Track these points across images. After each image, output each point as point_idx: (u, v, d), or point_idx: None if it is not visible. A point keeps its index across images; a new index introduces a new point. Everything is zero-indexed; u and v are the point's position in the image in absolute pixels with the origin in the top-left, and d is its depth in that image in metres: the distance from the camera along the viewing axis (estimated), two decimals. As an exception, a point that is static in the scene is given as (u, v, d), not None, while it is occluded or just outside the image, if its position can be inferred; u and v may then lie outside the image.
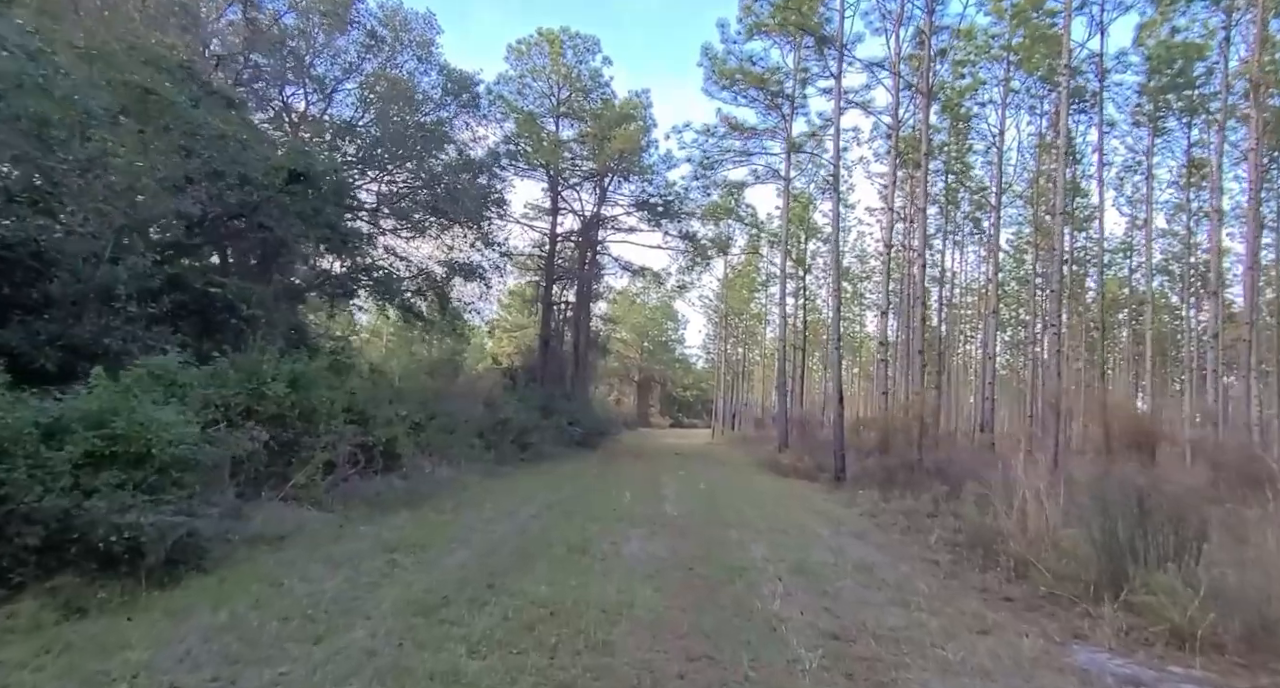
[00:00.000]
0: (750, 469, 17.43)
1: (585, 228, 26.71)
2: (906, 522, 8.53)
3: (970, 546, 6.76)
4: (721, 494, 11.54)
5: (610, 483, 12.59)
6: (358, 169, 16.14)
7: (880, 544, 7.42)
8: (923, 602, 4.99)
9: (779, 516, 9.18)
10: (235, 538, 5.28)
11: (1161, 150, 26.14)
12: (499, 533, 6.90)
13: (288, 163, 10.24)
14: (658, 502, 10.12)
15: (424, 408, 13.54)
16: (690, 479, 13.96)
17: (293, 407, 7.27)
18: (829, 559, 6.44)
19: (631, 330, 60.66)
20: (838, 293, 12.96)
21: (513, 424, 15.54)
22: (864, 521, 9.02)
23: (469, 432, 13.60)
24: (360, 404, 9.28)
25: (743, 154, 21.62)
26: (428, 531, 6.70)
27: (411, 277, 18.21)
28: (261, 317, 10.13)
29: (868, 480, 11.95)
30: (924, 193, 14.55)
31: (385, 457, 9.31)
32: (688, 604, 4.70)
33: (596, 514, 8.53)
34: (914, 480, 10.41)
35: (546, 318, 24.44)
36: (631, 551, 6.39)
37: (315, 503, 6.89)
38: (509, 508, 8.66)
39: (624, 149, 22.53)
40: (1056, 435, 11.03)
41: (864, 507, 10.03)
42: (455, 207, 15.33)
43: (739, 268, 42.67)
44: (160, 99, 7.63)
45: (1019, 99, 24.08)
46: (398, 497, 8.36)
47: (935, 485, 9.95)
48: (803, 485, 13.14)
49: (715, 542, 7.06)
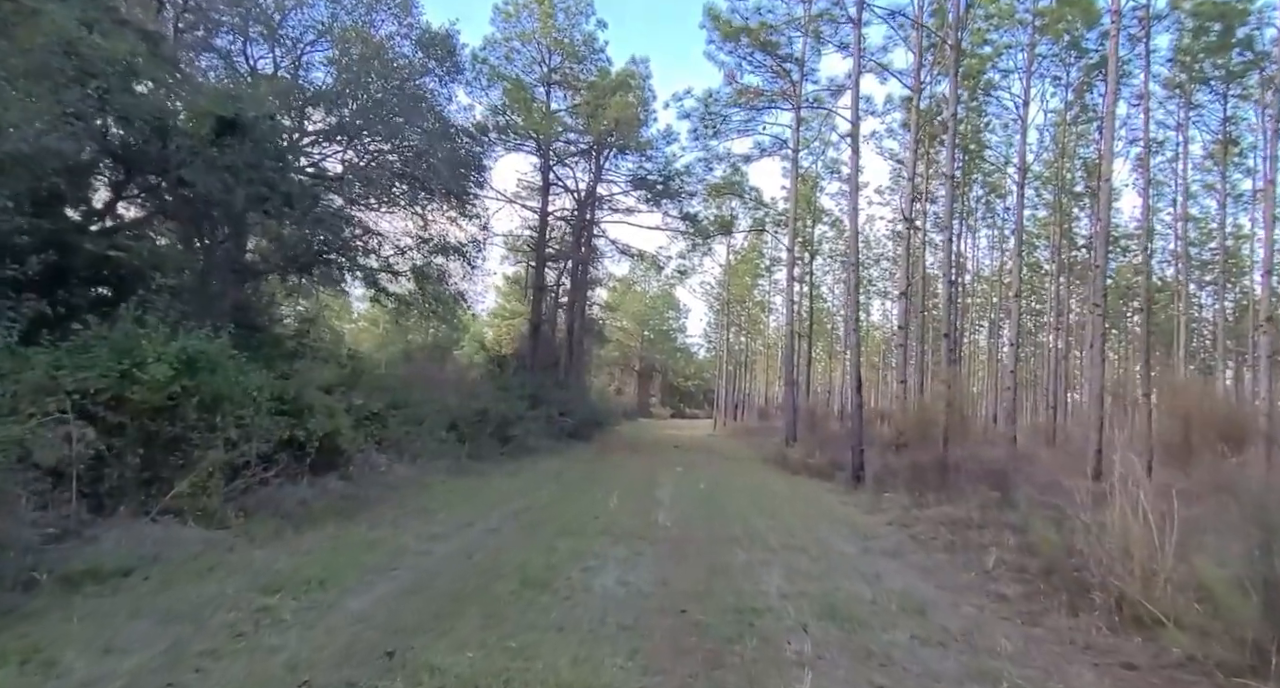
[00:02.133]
0: (755, 465, 15.93)
1: (580, 207, 25.09)
2: (949, 535, 7.00)
3: (1045, 574, 5.25)
4: (724, 497, 10.04)
5: (598, 482, 11.10)
6: (329, 138, 14.54)
7: (924, 569, 5.90)
8: (1013, 670, 3.48)
9: (793, 526, 7.67)
10: (45, 576, 3.77)
11: (1195, 124, 24.36)
12: (437, 558, 5.38)
13: (213, 108, 8.66)
14: (649, 507, 8.62)
15: (391, 396, 12.06)
16: (689, 477, 12.47)
17: (186, 394, 5.75)
18: (865, 594, 4.92)
19: (632, 319, 59.20)
20: (856, 267, 11.41)
21: (492, 415, 14.03)
22: (896, 533, 7.50)
23: (439, 423, 12.09)
24: (295, 391, 7.76)
25: (748, 123, 19.96)
26: (344, 555, 5.18)
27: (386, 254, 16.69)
28: (186, 289, 8.61)
29: (891, 481, 10.43)
30: (950, 158, 12.96)
31: (322, 454, 7.80)
32: (676, 685, 3.19)
33: (572, 525, 7.03)
34: (947, 482, 8.89)
35: (538, 301, 22.87)
36: (606, 584, 4.87)
37: (205, 517, 5.38)
38: (466, 518, 7.15)
39: (620, 119, 20.85)
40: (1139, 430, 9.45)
41: (892, 514, 8.51)
42: (431, 175, 13.73)
43: (742, 253, 41.06)
44: (19, 3, 6.06)
45: (1043, 67, 22.41)
46: (329, 505, 6.85)
47: (977, 489, 8.43)
48: (816, 486, 11.62)
49: (717, 568, 5.54)
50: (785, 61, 18.67)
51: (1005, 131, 25.43)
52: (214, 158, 8.62)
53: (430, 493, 8.63)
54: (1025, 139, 20.35)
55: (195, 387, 5.84)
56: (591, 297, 33.03)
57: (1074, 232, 29.60)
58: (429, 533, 6.27)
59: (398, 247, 16.76)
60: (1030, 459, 13.40)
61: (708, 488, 10.99)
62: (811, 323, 32.63)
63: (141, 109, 8.03)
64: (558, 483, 10.81)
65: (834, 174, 33.23)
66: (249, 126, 8.81)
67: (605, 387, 54.07)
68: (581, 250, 24.63)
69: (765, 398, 50.16)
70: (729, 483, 11.84)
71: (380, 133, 14.04)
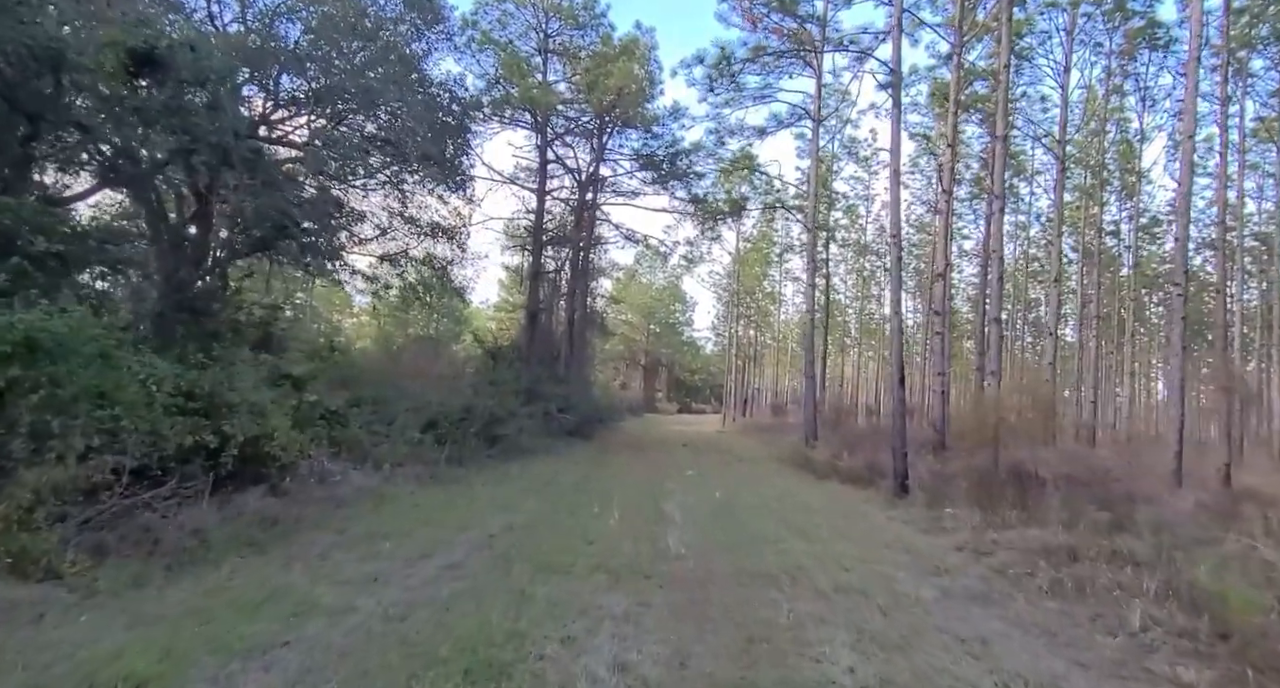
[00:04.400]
0: (775, 467, 14.27)
1: (581, 187, 23.41)
2: (1052, 571, 5.32)
3: (1239, 651, 3.60)
4: (747, 511, 8.40)
5: (595, 492, 9.48)
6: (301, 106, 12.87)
7: (1040, 628, 4.24)
8: None
9: (841, 555, 6.01)
10: None
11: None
12: (355, 622, 3.75)
13: (123, 38, 7.03)
14: (657, 526, 6.99)
15: (358, 392, 10.49)
16: (702, 483, 10.83)
17: (16, 388, 4.15)
18: (982, 683, 3.29)
19: (637, 312, 57.62)
20: (899, 239, 9.67)
21: (479, 412, 12.41)
22: (974, 564, 5.84)
23: (413, 422, 10.49)
24: (210, 386, 6.15)
25: (764, 90, 18.20)
26: (215, 619, 3.56)
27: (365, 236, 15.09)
28: (80, 257, 7.01)
29: (944, 490, 8.77)
30: (1002, 114, 11.22)
31: (248, 464, 6.19)
32: None
33: (558, 557, 5.40)
34: (1026, 495, 7.21)
35: (534, 289, 21.20)
36: (593, 668, 3.24)
37: (20, 565, 3.76)
38: (422, 547, 5.52)
39: (623, 89, 19.11)
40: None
41: (959, 536, 6.85)
42: (407, 137, 12.07)
43: (752, 240, 39.35)
44: None
45: (1084, 31, 20.56)
46: (237, 533, 5.23)
47: (1071, 505, 6.76)
48: (852, 495, 9.95)
49: (756, 632, 3.90)
50: (806, 21, 16.92)
51: (1035, 106, 23.61)
52: (120, 99, 7.01)
53: (388, 510, 7.02)
54: (1066, 108, 18.57)
55: (33, 378, 4.22)
56: (595, 288, 31.38)
57: (1101, 217, 27.78)
58: (362, 574, 4.65)
59: (378, 225, 15.22)
60: (1082, 461, 11.73)
61: (725, 498, 9.36)
62: (827, 315, 30.92)
63: (25, 36, 6.43)
64: (548, 493, 9.18)
65: (851, 155, 31.56)
66: (165, 61, 7.17)
67: (610, 381, 52.54)
68: (584, 234, 22.94)
69: (775, 392, 48.48)
70: (750, 491, 10.19)
71: (357, 99, 12.36)
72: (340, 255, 12.01)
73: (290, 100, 12.66)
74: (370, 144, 11.81)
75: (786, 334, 46.74)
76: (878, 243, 38.72)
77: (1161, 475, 10.21)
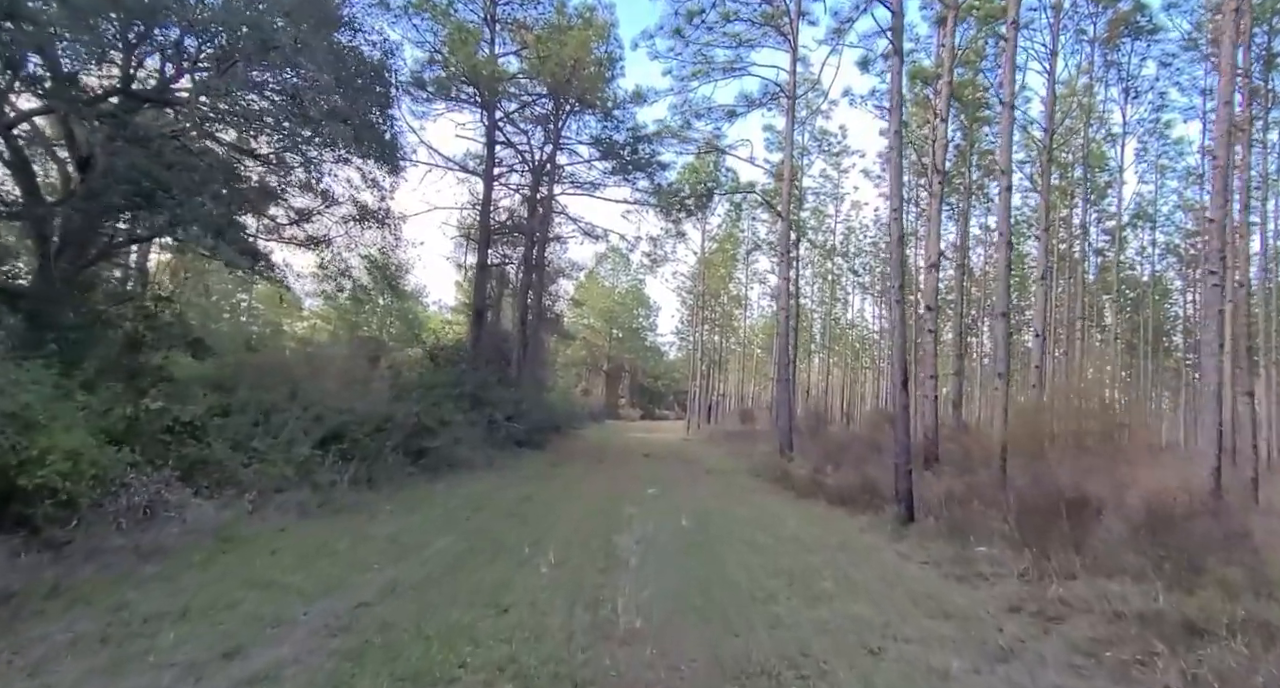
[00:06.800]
0: (748, 483, 12.52)
1: (535, 174, 21.47)
2: (1171, 655, 3.64)
3: None
4: (722, 546, 6.61)
5: (533, 519, 7.57)
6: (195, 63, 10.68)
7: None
8: None
9: (861, 623, 4.25)
10: None
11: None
12: None
13: None
14: (604, 578, 5.13)
15: (231, 398, 8.44)
16: (665, 505, 9.02)
17: None
18: None
19: (600, 316, 55.76)
20: (900, 215, 8.05)
21: (400, 421, 10.38)
22: (1048, 641, 4.11)
23: (309, 434, 8.43)
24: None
25: (734, 64, 16.59)
26: None
27: (280, 220, 12.99)
28: None
29: (963, 518, 7.12)
30: (1010, 78, 9.75)
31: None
32: None
33: (438, 654, 3.50)
34: (1088, 532, 5.56)
35: (481, 283, 19.12)
36: None
37: None
38: (224, 643, 3.53)
39: (579, 62, 17.27)
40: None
41: (1005, 587, 5.15)
42: (314, 93, 10.01)
43: (718, 239, 37.90)
44: None
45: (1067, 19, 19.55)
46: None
47: (1136, 543, 5.12)
48: (846, 521, 8.22)
49: None
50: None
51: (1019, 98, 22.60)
52: None
53: (224, 563, 5.00)
54: (1054, 93, 17.38)
55: None
56: (556, 289, 29.42)
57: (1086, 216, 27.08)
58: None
59: (294, 209, 13.08)
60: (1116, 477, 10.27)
61: (694, 527, 7.55)
62: (797, 319, 29.50)
63: None
64: (473, 523, 7.23)
65: (822, 150, 30.31)
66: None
67: (571, 387, 50.50)
68: (538, 224, 20.99)
69: (740, 398, 47.08)
70: (723, 517, 8.39)
71: (247, 40, 10.23)
72: (225, 231, 9.82)
73: (171, 45, 10.46)
74: (259, 93, 9.71)
75: (752, 339, 45.41)
76: (846, 244, 37.67)
77: (1195, 491, 8.76)
